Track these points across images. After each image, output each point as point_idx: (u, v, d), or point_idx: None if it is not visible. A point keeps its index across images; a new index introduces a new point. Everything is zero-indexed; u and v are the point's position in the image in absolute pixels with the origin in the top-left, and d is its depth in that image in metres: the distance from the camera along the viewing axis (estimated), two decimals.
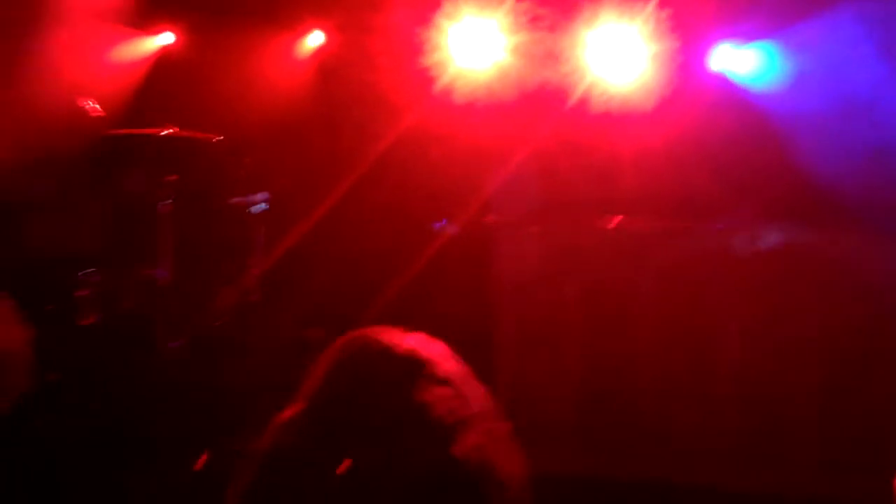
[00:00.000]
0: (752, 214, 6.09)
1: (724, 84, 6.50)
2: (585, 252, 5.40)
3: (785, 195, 6.10)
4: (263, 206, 6.06)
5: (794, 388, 5.19)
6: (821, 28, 6.05)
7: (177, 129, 5.64)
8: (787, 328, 5.23)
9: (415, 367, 1.28)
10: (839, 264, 5.27)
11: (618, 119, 6.50)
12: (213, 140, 5.74)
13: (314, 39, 7.24)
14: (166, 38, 7.12)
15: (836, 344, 5.16)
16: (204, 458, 4.32)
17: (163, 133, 5.54)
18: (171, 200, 5.47)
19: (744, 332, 5.23)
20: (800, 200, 6.05)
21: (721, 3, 6.33)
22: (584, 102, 6.55)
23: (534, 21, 6.67)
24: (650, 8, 6.32)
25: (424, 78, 6.77)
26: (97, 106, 5.68)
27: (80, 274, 5.34)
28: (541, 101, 6.70)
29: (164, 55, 7.05)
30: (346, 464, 1.18)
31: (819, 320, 5.15)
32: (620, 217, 5.84)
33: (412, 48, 6.74)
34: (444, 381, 1.27)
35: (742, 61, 6.53)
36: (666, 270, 5.26)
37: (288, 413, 1.25)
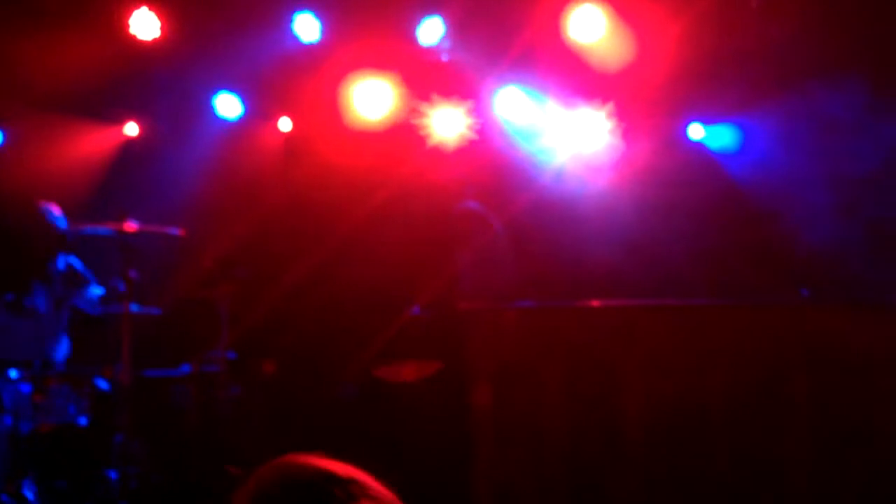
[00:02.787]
0: (732, 289, 5.98)
1: (698, 160, 6.48)
2: (565, 334, 5.20)
3: (764, 268, 6.01)
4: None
5: (785, 461, 4.98)
6: (789, 107, 6.07)
7: (138, 224, 5.47)
8: (775, 401, 5.04)
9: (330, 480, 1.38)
10: (825, 336, 5.12)
11: (590, 196, 6.43)
12: (176, 234, 5.58)
13: (282, 125, 7.17)
14: (130, 129, 7.02)
15: (826, 412, 4.97)
16: None
17: (124, 229, 5.37)
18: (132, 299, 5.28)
19: (732, 409, 5.04)
20: (780, 273, 5.95)
21: (694, 83, 6.35)
22: (556, 180, 6.49)
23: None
24: (625, 87, 6.33)
25: (396, 156, 6.71)
26: (57, 210, 5.54)
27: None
28: (513, 178, 6.64)
29: (127, 145, 6.95)
30: None
31: (808, 392, 4.97)
32: (596, 299, 5.70)
33: (380, 127, 6.70)
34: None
35: (716, 138, 6.53)
36: (651, 350, 5.07)
37: None
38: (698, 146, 6.57)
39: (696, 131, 6.58)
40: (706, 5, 6.14)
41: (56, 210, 5.52)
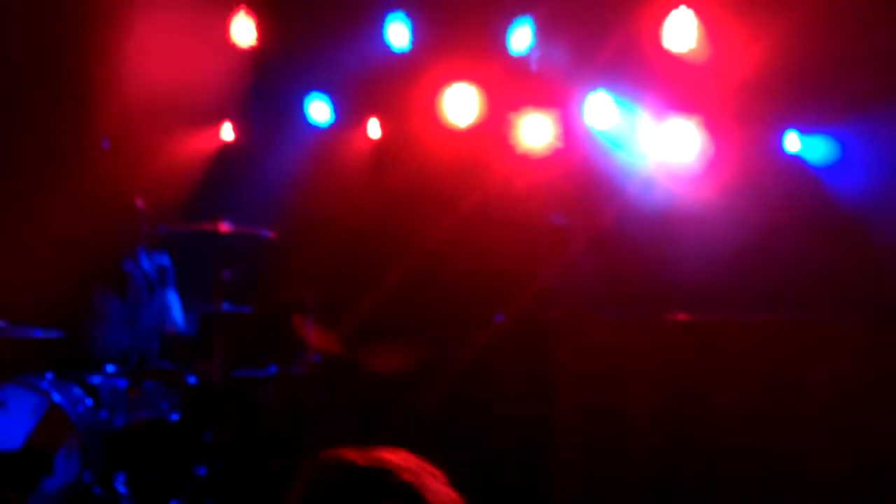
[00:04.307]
0: (828, 306, 5.78)
1: (793, 173, 6.29)
2: (654, 347, 5.12)
3: (862, 287, 5.80)
4: None
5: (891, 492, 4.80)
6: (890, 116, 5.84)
7: (231, 225, 5.60)
8: (875, 425, 4.86)
9: (379, 475, 1.36)
10: None
11: (679, 208, 6.31)
12: (267, 236, 5.70)
13: (372, 130, 7.22)
14: (226, 132, 7.17)
15: None
16: None
17: (218, 230, 5.50)
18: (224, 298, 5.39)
19: (829, 430, 4.88)
20: (879, 292, 5.74)
21: (791, 90, 6.16)
22: (645, 190, 6.39)
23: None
24: (718, 95, 6.18)
25: (484, 164, 6.71)
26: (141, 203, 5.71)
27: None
28: (602, 188, 6.55)
29: (222, 149, 7.10)
30: None
31: None
32: (684, 313, 5.58)
33: (468, 135, 6.69)
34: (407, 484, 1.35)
35: (813, 150, 6.33)
36: (741, 366, 4.95)
37: None
38: (794, 158, 6.38)
39: (792, 142, 6.39)
40: (808, 8, 5.93)
41: (141, 204, 5.68)
